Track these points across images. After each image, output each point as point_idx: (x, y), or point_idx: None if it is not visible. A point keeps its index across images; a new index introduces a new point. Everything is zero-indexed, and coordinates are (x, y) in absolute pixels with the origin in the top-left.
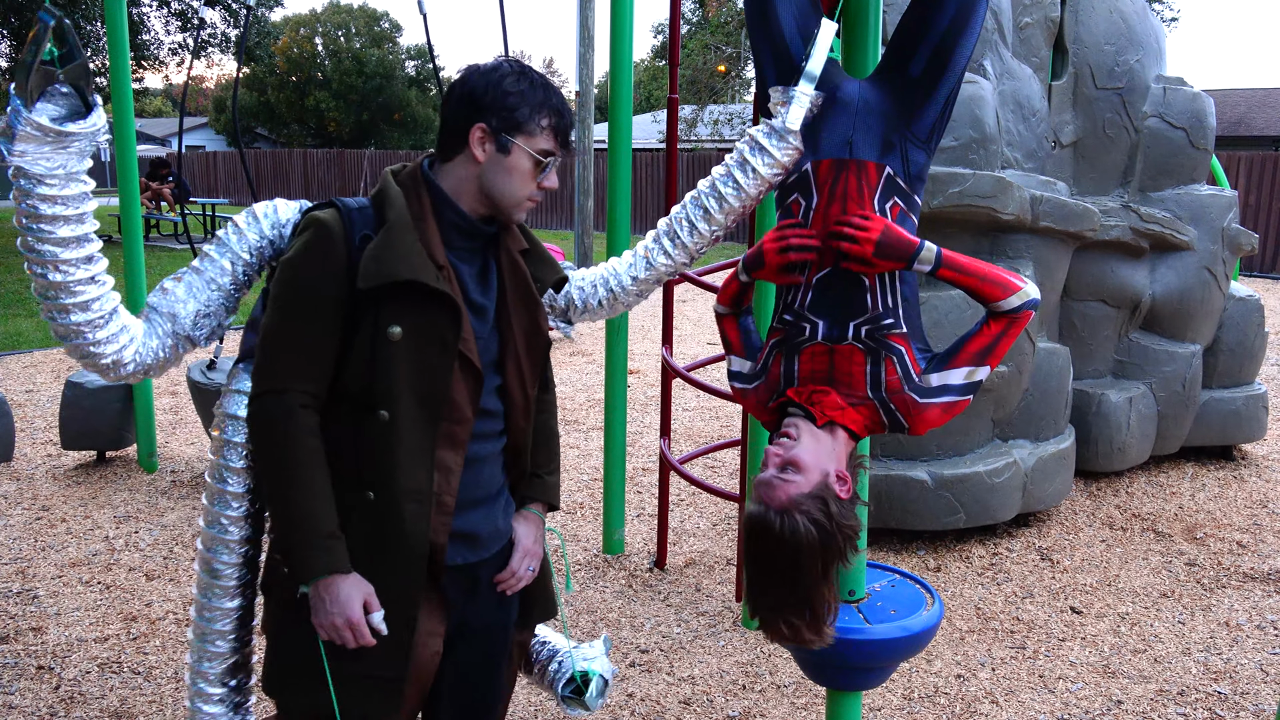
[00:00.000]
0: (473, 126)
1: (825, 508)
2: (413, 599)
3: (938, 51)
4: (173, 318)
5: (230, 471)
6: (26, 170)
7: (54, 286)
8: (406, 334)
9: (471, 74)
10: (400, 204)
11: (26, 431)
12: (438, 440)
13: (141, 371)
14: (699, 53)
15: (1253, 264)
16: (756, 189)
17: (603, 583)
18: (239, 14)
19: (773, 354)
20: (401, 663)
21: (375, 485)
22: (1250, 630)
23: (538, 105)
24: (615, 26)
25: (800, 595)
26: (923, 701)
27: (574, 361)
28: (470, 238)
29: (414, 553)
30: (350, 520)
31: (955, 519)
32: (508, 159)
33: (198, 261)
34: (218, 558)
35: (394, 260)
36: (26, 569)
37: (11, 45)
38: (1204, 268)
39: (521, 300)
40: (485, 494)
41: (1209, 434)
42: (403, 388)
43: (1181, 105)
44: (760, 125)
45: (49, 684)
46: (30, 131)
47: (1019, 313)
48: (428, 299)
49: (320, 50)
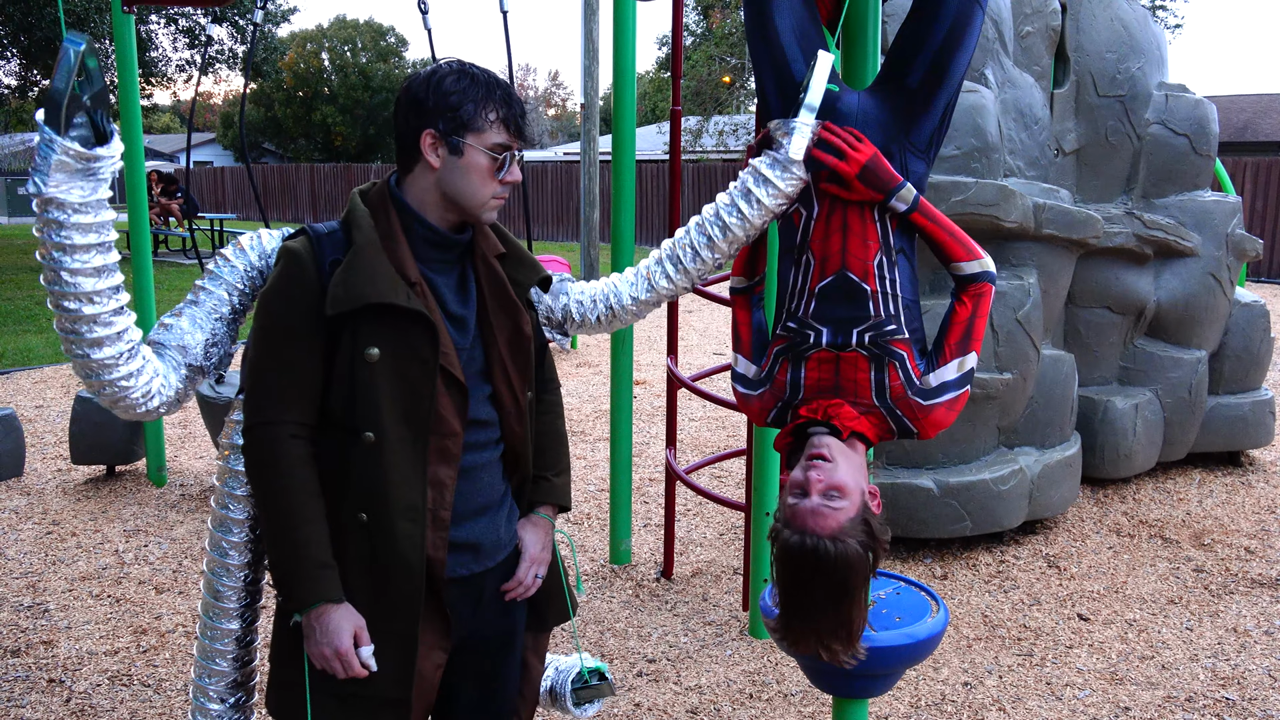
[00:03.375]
0: (421, 134)
1: (868, 528)
2: (413, 618)
3: (935, 62)
4: (183, 350)
5: (233, 499)
6: (61, 200)
7: (85, 320)
8: (384, 355)
9: (413, 82)
10: (367, 224)
11: (37, 446)
12: (429, 456)
13: (165, 407)
14: (703, 64)
15: (1259, 269)
16: (760, 219)
17: (610, 593)
18: (246, 30)
19: (778, 361)
20: (405, 683)
21: (368, 506)
22: (1258, 636)
23: (482, 100)
24: (618, 39)
25: (845, 618)
26: (930, 709)
27: (580, 373)
28: (443, 249)
29: (411, 571)
30: (346, 542)
31: (961, 526)
32: (462, 160)
33: (192, 295)
34: (219, 581)
35: (361, 283)
36: (37, 583)
37: (21, 64)
38: (1209, 274)
39: (501, 306)
40: (486, 502)
41: (1216, 440)
42: (386, 408)
43: (1184, 112)
44: (764, 156)
45: (60, 697)
46: (66, 160)
47: (980, 283)
48: (402, 318)
49: (327, 65)
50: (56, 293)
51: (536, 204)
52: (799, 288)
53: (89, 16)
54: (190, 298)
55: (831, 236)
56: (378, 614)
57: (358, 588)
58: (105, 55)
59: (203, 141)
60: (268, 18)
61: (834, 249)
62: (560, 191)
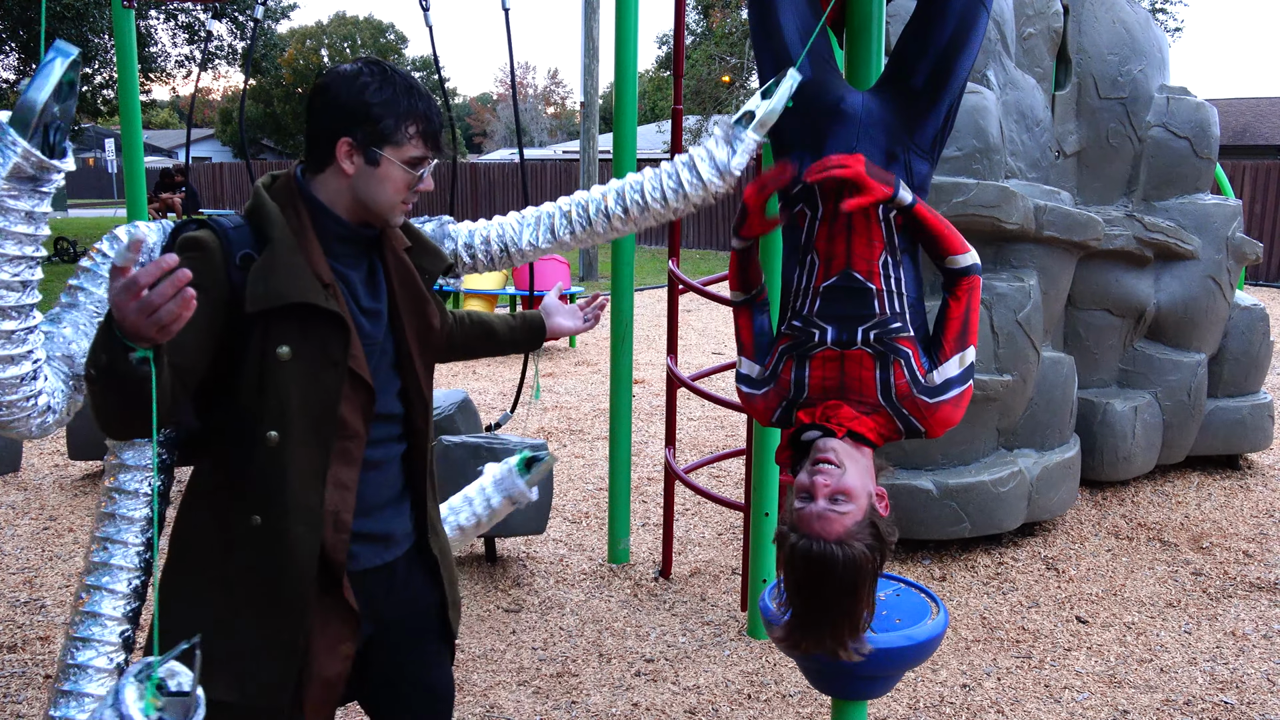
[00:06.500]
0: (338, 141)
1: (875, 530)
2: (299, 627)
3: (940, 63)
4: (69, 359)
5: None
6: (7, 205)
7: (1, 335)
8: (295, 353)
9: (332, 83)
10: (280, 221)
11: (34, 442)
12: (331, 459)
13: (55, 425)
14: (703, 63)
15: (1258, 273)
16: (680, 209)
17: (608, 592)
18: (246, 26)
19: (782, 360)
20: (280, 692)
21: (263, 509)
22: (1257, 640)
23: (403, 114)
24: (620, 37)
25: (853, 619)
26: (928, 711)
27: (579, 371)
28: (353, 244)
29: (301, 577)
30: (232, 549)
31: (960, 528)
32: (378, 171)
33: (68, 297)
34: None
35: (280, 282)
36: (34, 578)
37: (20, 58)
38: (1209, 277)
39: (411, 298)
40: (390, 495)
41: (1214, 443)
42: (293, 407)
43: (1185, 115)
44: (702, 151)
45: None
46: (24, 165)
47: (970, 276)
48: (316, 317)
49: (326, 62)
50: None
51: (536, 202)
52: (803, 287)
53: (88, 11)
54: (66, 300)
55: (836, 237)
56: (265, 622)
57: (245, 597)
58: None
59: (201, 137)
60: (268, 14)
61: (839, 249)
62: (559, 190)
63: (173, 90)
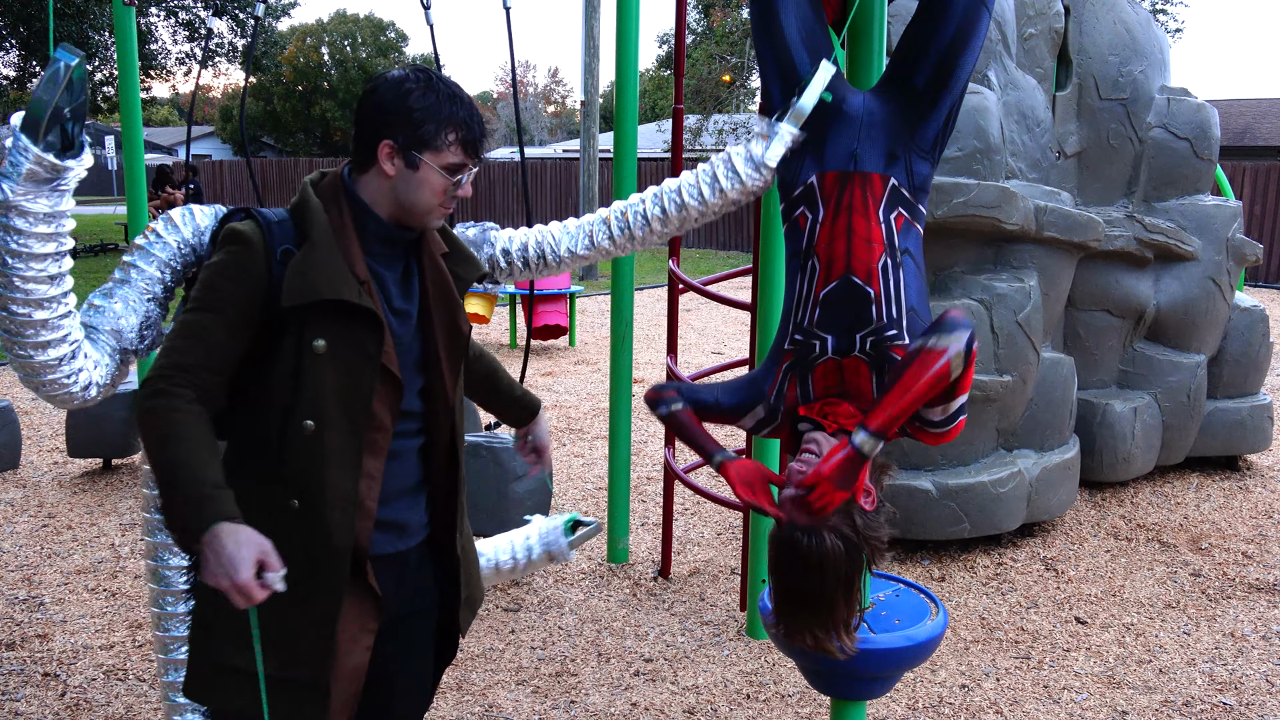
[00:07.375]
0: (380, 143)
1: (851, 522)
2: (335, 604)
3: (941, 63)
4: (117, 334)
5: None
6: (25, 209)
7: (35, 325)
8: (330, 347)
9: (379, 86)
10: (322, 219)
11: (33, 439)
12: (363, 448)
13: (101, 395)
14: (704, 62)
15: (1258, 274)
16: (718, 207)
17: (607, 591)
18: (246, 24)
19: (787, 378)
20: (323, 667)
21: (299, 492)
22: (1256, 641)
23: (444, 121)
24: (620, 36)
25: (827, 609)
26: (927, 711)
27: (579, 370)
28: (392, 244)
29: (338, 560)
30: (272, 524)
31: (960, 529)
32: (417, 175)
33: (121, 273)
34: (163, 564)
35: (317, 278)
36: (33, 576)
37: (20, 55)
38: (1208, 278)
39: (443, 301)
40: (407, 485)
41: (1214, 444)
42: (329, 398)
43: (1185, 116)
44: (740, 149)
45: (55, 691)
46: (38, 169)
47: (961, 419)
48: (351, 314)
49: (326, 60)
50: (4, 297)
51: (536, 201)
52: (805, 295)
53: (89, 9)
54: (119, 275)
55: (836, 240)
56: (298, 598)
57: (286, 578)
58: (105, 48)
59: (202, 135)
60: (268, 11)
61: (839, 252)
62: (560, 189)
63: (173, 87)
